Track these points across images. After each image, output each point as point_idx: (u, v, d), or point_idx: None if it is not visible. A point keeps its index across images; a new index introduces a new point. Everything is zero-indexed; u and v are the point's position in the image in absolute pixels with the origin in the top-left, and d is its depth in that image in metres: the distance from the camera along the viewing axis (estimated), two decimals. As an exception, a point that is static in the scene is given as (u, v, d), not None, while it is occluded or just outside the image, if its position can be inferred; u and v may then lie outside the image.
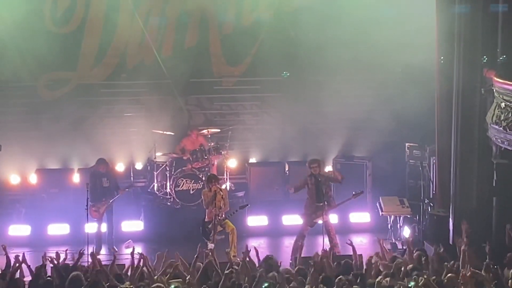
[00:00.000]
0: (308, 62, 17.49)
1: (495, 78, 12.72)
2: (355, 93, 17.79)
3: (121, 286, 9.81)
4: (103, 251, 14.82)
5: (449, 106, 13.95)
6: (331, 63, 16.99)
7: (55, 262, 11.01)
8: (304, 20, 17.19)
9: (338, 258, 11.41)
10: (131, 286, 9.72)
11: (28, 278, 11.04)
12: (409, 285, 9.33)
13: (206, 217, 14.05)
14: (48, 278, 10.77)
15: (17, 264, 10.82)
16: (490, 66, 13.35)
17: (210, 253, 11.19)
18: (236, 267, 10.22)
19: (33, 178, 17.11)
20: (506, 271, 10.51)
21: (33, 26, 16.69)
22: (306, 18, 17.17)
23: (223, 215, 14.04)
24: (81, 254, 11.28)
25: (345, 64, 16.99)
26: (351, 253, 11.45)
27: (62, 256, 11.57)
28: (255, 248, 11.46)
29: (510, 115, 12.23)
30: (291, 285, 9.75)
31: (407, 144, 16.86)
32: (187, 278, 9.97)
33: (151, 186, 17.02)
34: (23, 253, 11.21)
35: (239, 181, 17.70)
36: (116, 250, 14.75)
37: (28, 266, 11.00)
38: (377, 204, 15.44)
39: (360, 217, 16.17)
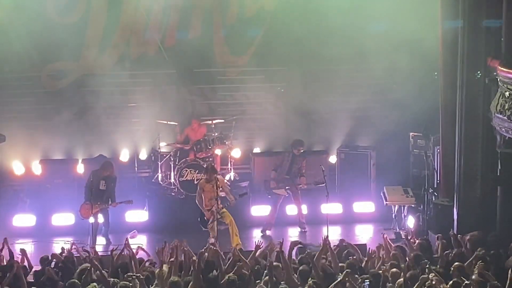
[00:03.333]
0: (312, 51, 17.43)
1: (500, 67, 12.66)
2: (359, 82, 17.78)
3: (128, 274, 9.88)
4: (100, 242, 14.76)
5: (453, 95, 13.91)
6: (335, 52, 16.92)
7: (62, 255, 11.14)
8: (308, 10, 17.13)
9: (341, 249, 11.42)
10: (138, 275, 9.77)
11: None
12: None
13: (205, 205, 14.12)
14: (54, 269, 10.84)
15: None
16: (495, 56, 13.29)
17: (212, 247, 11.28)
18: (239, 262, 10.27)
19: (37, 169, 17.12)
20: (510, 260, 10.54)
21: (36, 16, 16.66)
22: (309, 7, 17.10)
23: (220, 204, 14.10)
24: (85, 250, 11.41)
25: (349, 53, 16.95)
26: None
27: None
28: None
29: (514, 104, 12.19)
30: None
31: (411, 133, 16.88)
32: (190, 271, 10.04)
33: (155, 176, 17.03)
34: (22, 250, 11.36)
35: (243, 171, 17.70)
36: (111, 241, 14.70)
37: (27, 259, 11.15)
38: (381, 194, 15.44)
39: (364, 206, 16.16)
